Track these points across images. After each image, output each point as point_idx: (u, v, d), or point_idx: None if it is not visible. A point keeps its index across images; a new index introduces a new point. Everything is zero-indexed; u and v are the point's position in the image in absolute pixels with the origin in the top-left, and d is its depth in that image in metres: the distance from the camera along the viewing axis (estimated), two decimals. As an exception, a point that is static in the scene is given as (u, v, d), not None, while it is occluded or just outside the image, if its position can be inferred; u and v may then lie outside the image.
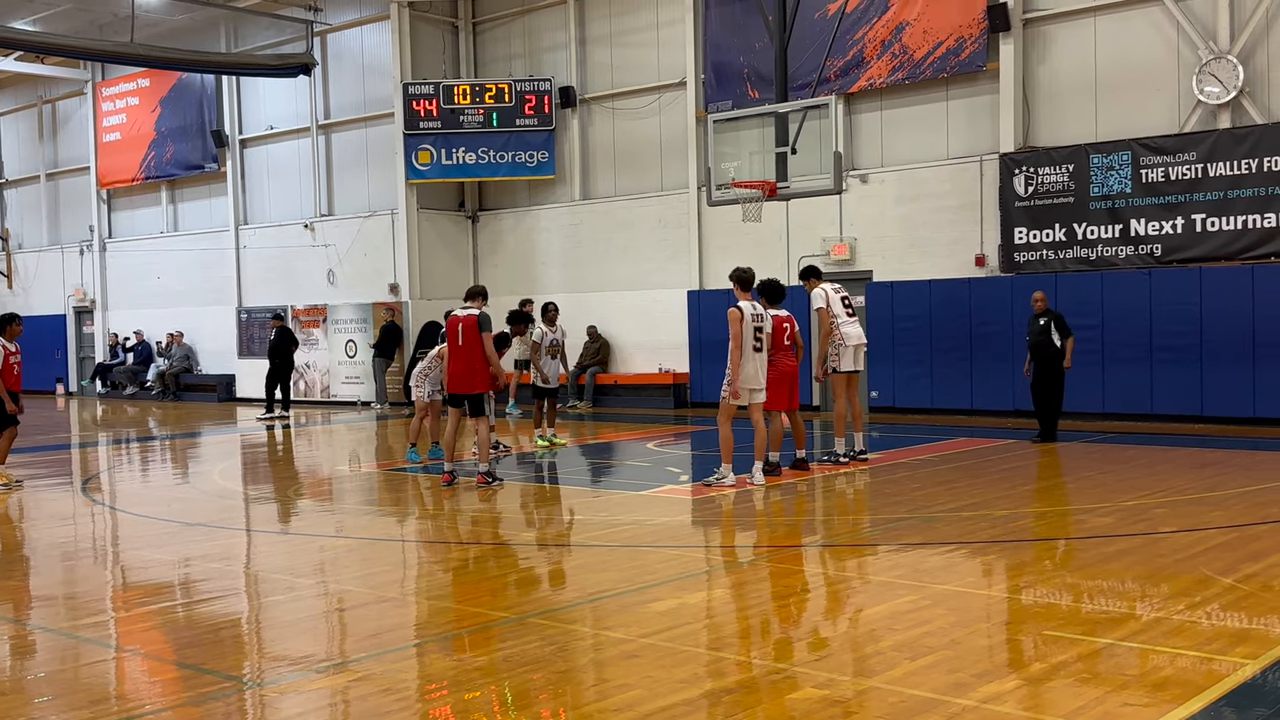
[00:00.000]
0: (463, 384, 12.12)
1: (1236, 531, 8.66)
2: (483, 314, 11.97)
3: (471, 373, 12.02)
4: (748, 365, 11.32)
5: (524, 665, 5.76)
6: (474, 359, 11.96)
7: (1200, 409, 15.97)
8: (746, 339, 11.28)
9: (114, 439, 20.05)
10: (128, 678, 6.04)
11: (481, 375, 12.03)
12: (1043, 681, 5.33)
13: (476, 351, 11.94)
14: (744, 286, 11.54)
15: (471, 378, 12.04)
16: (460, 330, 11.99)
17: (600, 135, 22.93)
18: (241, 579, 8.48)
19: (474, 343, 11.93)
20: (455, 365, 12.13)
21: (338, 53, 25.56)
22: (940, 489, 11.49)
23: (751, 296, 11.61)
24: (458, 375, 12.12)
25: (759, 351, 11.39)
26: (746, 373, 11.34)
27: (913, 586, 7.20)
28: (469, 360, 12.00)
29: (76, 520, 11.38)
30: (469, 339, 11.97)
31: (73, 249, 31.79)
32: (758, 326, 11.38)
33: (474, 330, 11.91)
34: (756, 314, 11.42)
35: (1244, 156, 15.72)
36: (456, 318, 12.11)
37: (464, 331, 11.98)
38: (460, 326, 12.00)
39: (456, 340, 12.05)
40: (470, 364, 11.99)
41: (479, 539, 9.71)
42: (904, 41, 18.55)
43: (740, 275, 11.63)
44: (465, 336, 11.98)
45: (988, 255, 17.99)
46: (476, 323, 11.91)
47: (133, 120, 29.55)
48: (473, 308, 12.11)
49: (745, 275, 11.61)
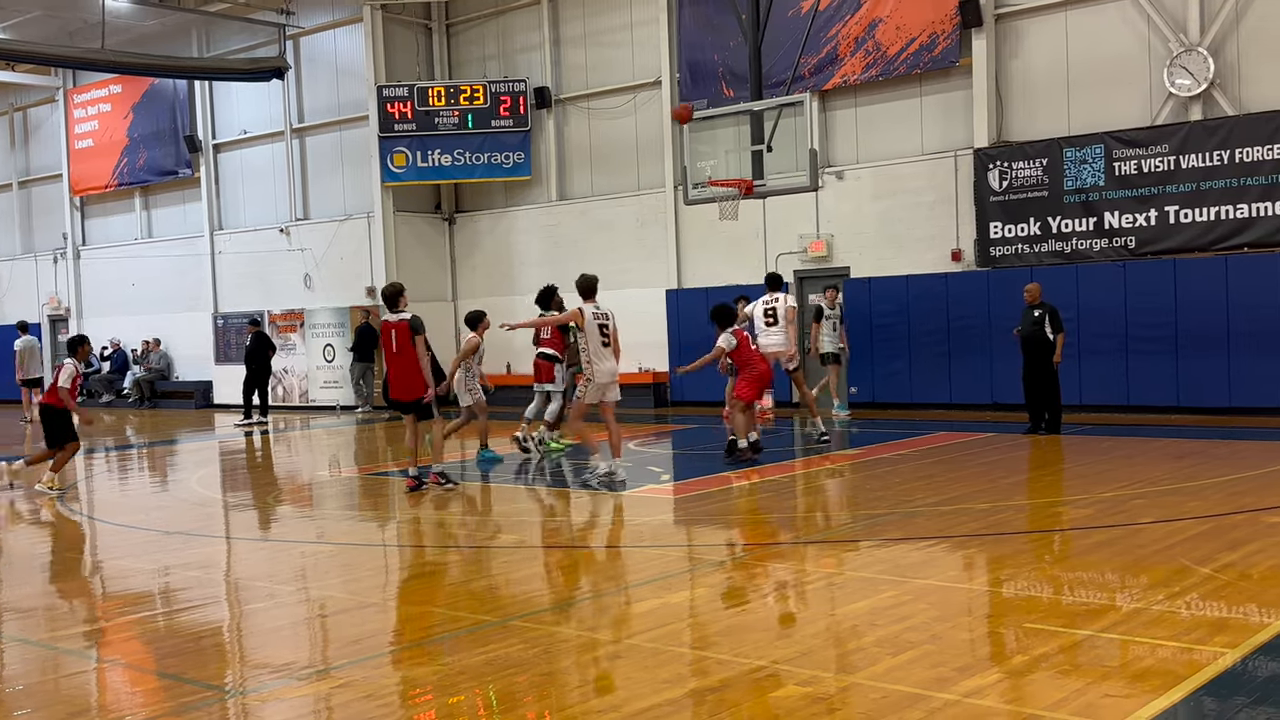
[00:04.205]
0: (403, 391, 11.89)
1: (1214, 521, 8.73)
2: (414, 317, 11.80)
3: (407, 380, 11.81)
4: (607, 361, 11.81)
5: (507, 668, 5.75)
6: (410, 365, 11.75)
7: (1177, 400, 16.07)
8: (593, 336, 11.71)
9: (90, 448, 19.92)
10: (108, 688, 6.01)
11: (420, 380, 11.81)
12: (1024, 674, 5.36)
13: (412, 358, 11.73)
14: (588, 293, 11.94)
15: (411, 384, 11.82)
16: (394, 336, 11.78)
17: (576, 136, 22.92)
18: (222, 587, 8.44)
19: (409, 348, 11.72)
20: (394, 373, 11.92)
21: (311, 56, 25.46)
22: (920, 483, 11.53)
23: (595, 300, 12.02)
24: (397, 383, 11.91)
25: (607, 347, 11.88)
26: (605, 369, 11.79)
27: (894, 582, 7.22)
28: (406, 366, 11.78)
29: (54, 530, 11.29)
30: (403, 345, 11.75)
31: (46, 257, 31.56)
32: (602, 325, 11.83)
33: (406, 335, 11.71)
34: (599, 313, 11.84)
35: (1216, 148, 15.83)
36: (388, 323, 11.87)
37: (397, 338, 11.77)
38: (393, 333, 11.78)
39: (391, 347, 11.83)
40: (407, 371, 11.78)
41: (460, 542, 9.69)
42: (877, 38, 18.60)
43: (584, 283, 12.02)
44: (399, 342, 11.77)
45: (964, 250, 18.06)
46: (408, 328, 11.72)
47: (105, 127, 29.36)
48: (403, 312, 11.88)
49: (589, 283, 12.03)
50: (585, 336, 11.82)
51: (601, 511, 11.02)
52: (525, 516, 10.87)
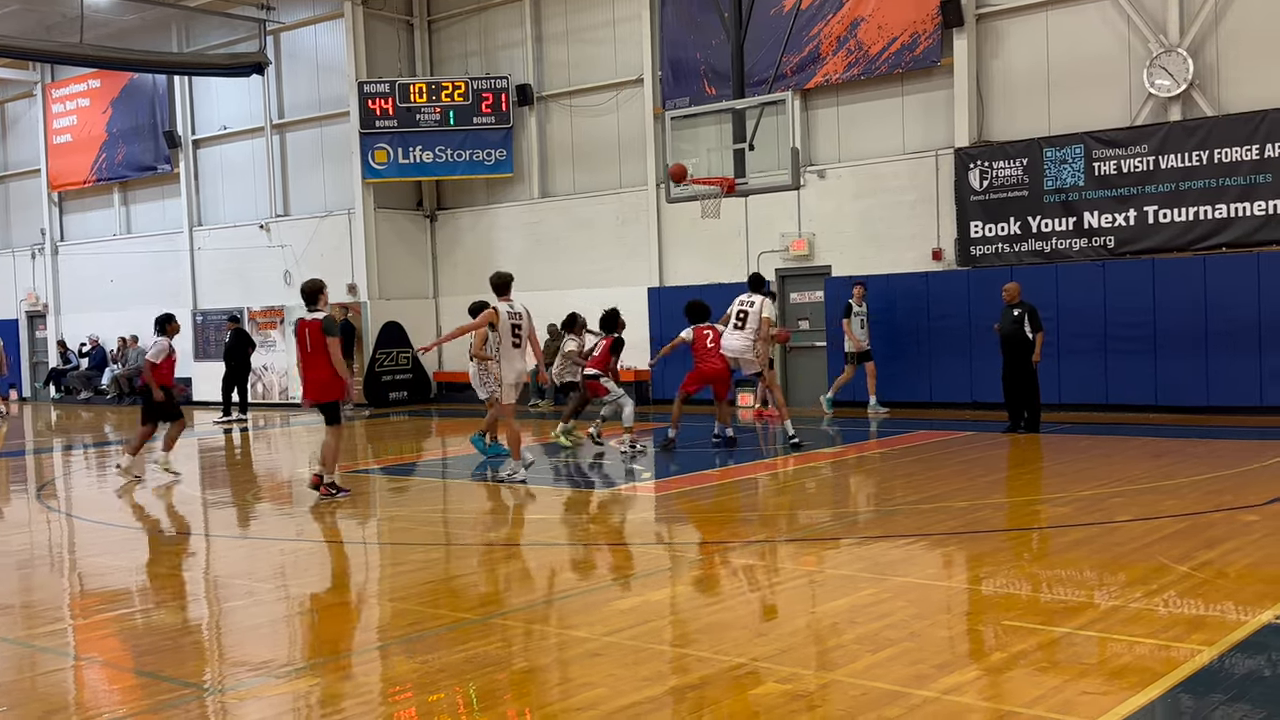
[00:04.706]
0: (318, 392, 11.48)
1: (1191, 519, 8.78)
2: (328, 318, 11.38)
3: (324, 380, 11.39)
4: (516, 362, 11.85)
5: (487, 666, 5.74)
6: (325, 365, 11.33)
7: (1155, 399, 16.16)
8: (505, 336, 11.71)
9: (69, 444, 19.80)
10: (85, 686, 5.97)
11: (335, 382, 11.41)
12: (1002, 671, 5.38)
13: (325, 358, 11.29)
14: (502, 290, 11.93)
15: (325, 385, 11.41)
16: (307, 336, 11.33)
17: (558, 133, 22.89)
18: (200, 584, 8.40)
19: (321, 348, 11.28)
20: (307, 373, 11.50)
21: (291, 51, 25.36)
22: (900, 481, 11.57)
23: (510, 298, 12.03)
24: (313, 383, 11.47)
25: (518, 348, 11.87)
26: (517, 369, 11.86)
27: (873, 579, 7.24)
28: (319, 367, 11.35)
29: (32, 527, 11.22)
30: (316, 345, 11.30)
31: (24, 252, 31.34)
32: (515, 325, 11.81)
33: (319, 335, 11.27)
34: (514, 313, 11.81)
35: (1194, 149, 15.92)
36: (302, 322, 11.45)
37: (310, 337, 11.32)
38: (306, 332, 11.33)
39: (305, 347, 11.38)
40: (321, 371, 11.36)
41: (441, 540, 9.67)
42: (859, 37, 18.64)
43: (499, 280, 12.02)
44: (312, 342, 11.32)
45: (944, 249, 18.12)
46: (321, 328, 11.27)
47: (83, 121, 29.17)
48: (318, 311, 11.44)
49: (503, 280, 12.01)
50: (498, 335, 11.76)
51: (581, 509, 11.01)
52: (506, 514, 10.85)
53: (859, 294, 17.78)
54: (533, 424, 19.21)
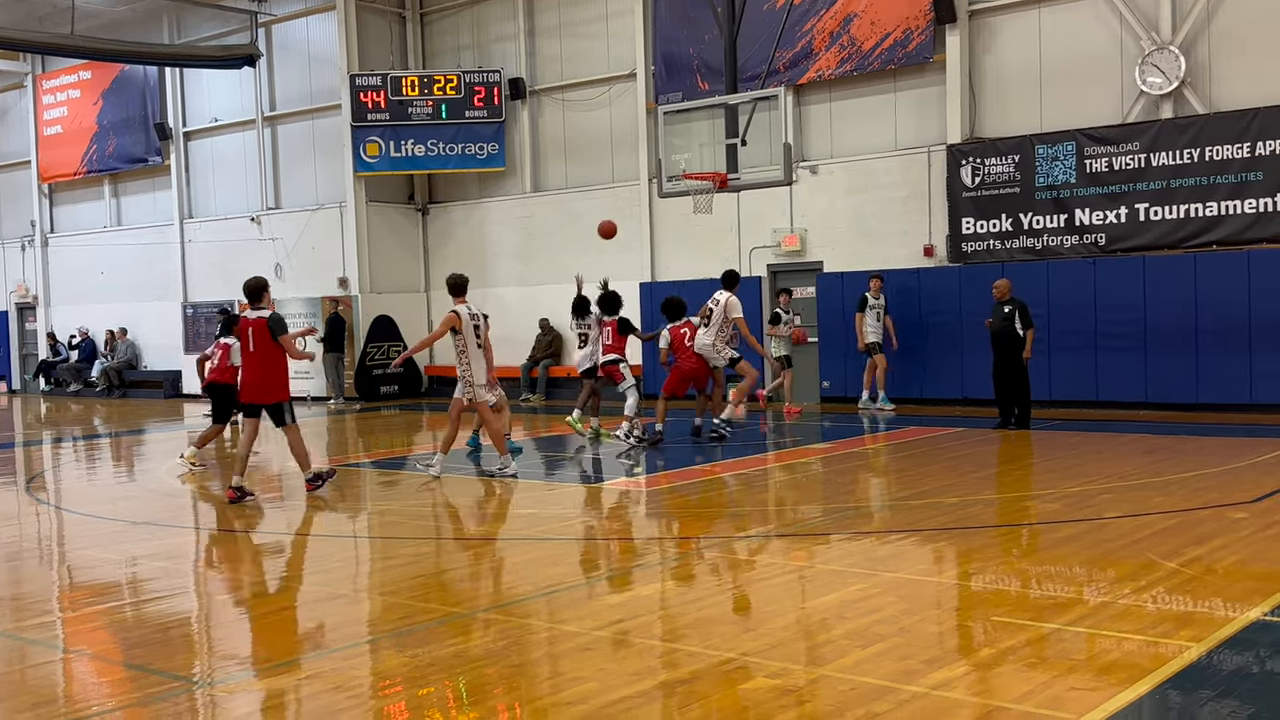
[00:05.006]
0: (257, 393, 11.06)
1: (1180, 516, 8.80)
2: (273, 316, 10.97)
3: (267, 381, 10.99)
4: (478, 363, 11.92)
5: (477, 660, 5.74)
6: (268, 366, 10.93)
7: (1145, 396, 16.20)
8: (469, 337, 11.80)
9: (58, 437, 19.74)
10: (74, 679, 5.96)
11: (278, 382, 11.04)
12: (991, 667, 5.39)
13: (270, 358, 10.91)
14: (458, 292, 12.08)
15: (267, 386, 11.01)
16: (251, 335, 10.92)
17: (550, 127, 22.86)
18: (190, 578, 8.38)
19: (267, 348, 10.88)
20: (248, 374, 11.09)
21: (283, 44, 25.28)
22: (890, 477, 11.58)
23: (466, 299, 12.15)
24: (251, 384, 11.07)
25: (481, 349, 11.97)
26: (478, 370, 11.91)
27: (863, 574, 7.25)
28: (263, 367, 10.94)
29: (21, 520, 11.19)
30: (261, 344, 10.89)
31: (14, 244, 31.23)
32: (476, 325, 11.92)
33: (265, 334, 10.85)
34: (473, 314, 11.96)
35: (1186, 146, 15.95)
36: (246, 320, 10.99)
37: (255, 336, 10.89)
38: (250, 331, 10.92)
39: (248, 346, 10.97)
40: (265, 371, 10.95)
41: (431, 534, 9.66)
42: (852, 33, 18.64)
43: (454, 281, 12.20)
44: (256, 341, 10.90)
45: (936, 245, 18.14)
46: (267, 326, 10.86)
47: (74, 113, 29.07)
48: (263, 308, 11.03)
49: (459, 281, 12.17)
50: (462, 338, 11.82)
51: (572, 504, 11.01)
52: (497, 509, 10.85)
53: (876, 287, 17.58)
54: (524, 418, 19.20)
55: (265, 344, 10.86)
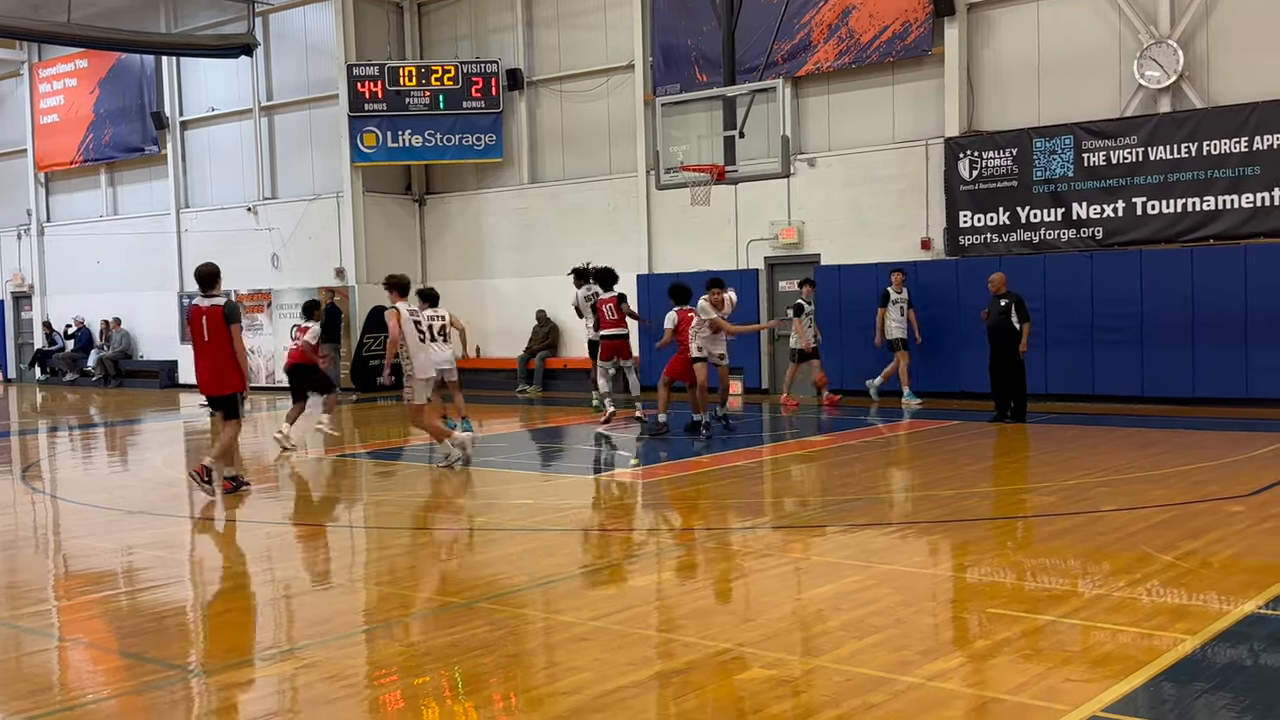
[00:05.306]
0: (212, 385, 10.74)
1: (1176, 509, 8.82)
2: (229, 303, 10.65)
3: (221, 371, 10.64)
4: (419, 356, 12.01)
5: (473, 649, 5.74)
6: (223, 356, 10.57)
7: (1141, 389, 16.21)
8: (410, 335, 11.93)
9: (54, 426, 19.72)
10: (70, 667, 5.96)
11: (234, 373, 10.66)
12: (986, 658, 5.40)
13: (225, 347, 10.54)
14: (399, 290, 12.29)
15: (222, 377, 10.67)
16: (204, 324, 10.52)
17: (548, 118, 22.82)
18: (185, 567, 8.38)
19: (221, 337, 10.51)
20: (202, 364, 10.73)
21: (280, 33, 25.21)
22: (887, 470, 11.59)
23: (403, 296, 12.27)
24: (203, 376, 10.74)
25: (424, 341, 12.22)
26: (420, 362, 12.01)
27: (859, 566, 7.26)
28: (217, 357, 10.58)
29: (16, 509, 11.18)
30: (215, 333, 10.51)
31: (10, 233, 31.16)
32: (416, 320, 12.18)
33: (220, 323, 10.50)
34: (412, 310, 12.24)
35: (1183, 140, 15.94)
36: (198, 309, 10.59)
37: (208, 325, 10.51)
38: (204, 320, 10.51)
39: (201, 335, 10.55)
40: (219, 361, 10.58)
41: (427, 524, 9.66)
42: (850, 25, 18.61)
43: (394, 281, 12.45)
44: (210, 330, 10.51)
45: (933, 238, 18.13)
46: (222, 314, 10.51)
47: (70, 102, 28.99)
48: (216, 296, 10.65)
49: (398, 282, 12.38)
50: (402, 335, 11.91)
51: (569, 495, 11.01)
52: (494, 499, 10.85)
53: (898, 281, 17.30)
54: (520, 409, 19.21)
55: (220, 332, 10.50)
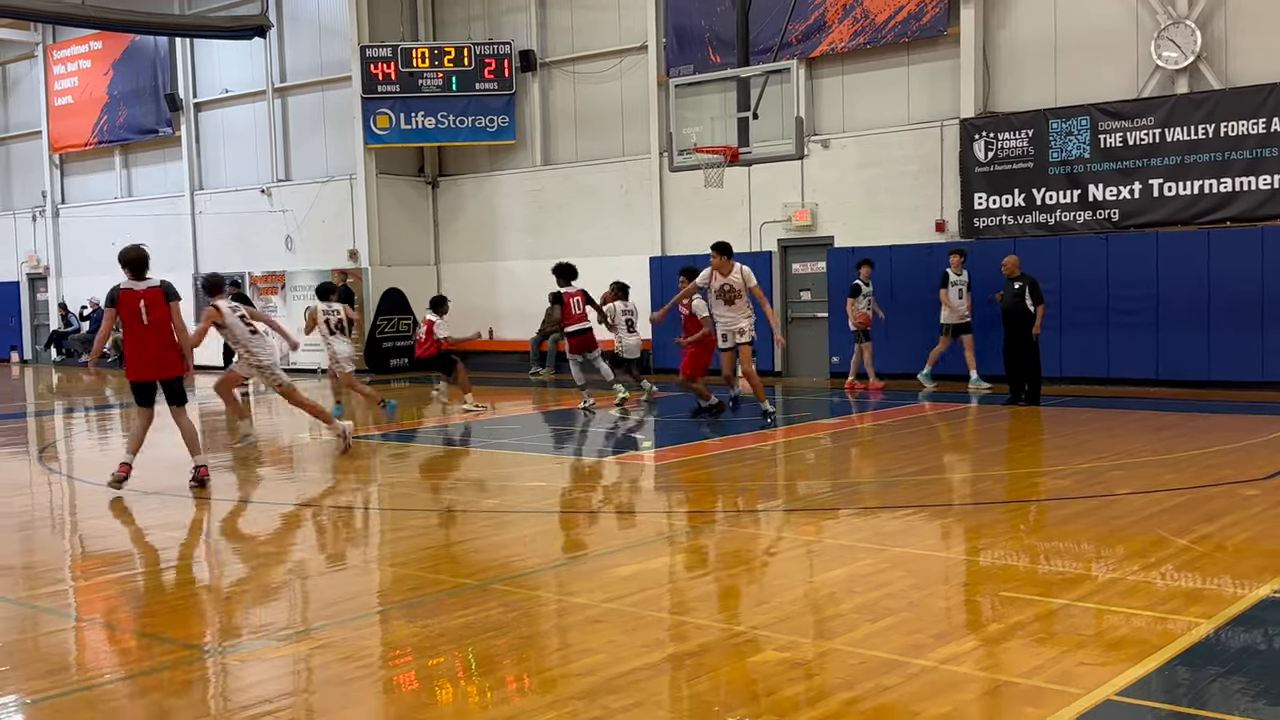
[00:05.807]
0: (153, 370, 10.20)
1: (1191, 493, 8.79)
2: (165, 282, 10.24)
3: (163, 355, 10.17)
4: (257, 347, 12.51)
5: (487, 631, 5.76)
6: (165, 338, 10.13)
7: (1156, 373, 16.15)
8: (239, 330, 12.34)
9: (70, 407, 19.82)
10: (87, 647, 6.00)
11: (176, 356, 10.23)
12: (1000, 642, 5.40)
13: (166, 330, 10.11)
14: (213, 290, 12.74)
15: (164, 361, 10.19)
16: (143, 307, 10.02)
17: (561, 99, 22.77)
18: (201, 547, 8.42)
19: (163, 319, 10.07)
20: (144, 349, 10.15)
21: (293, 14, 25.19)
22: (900, 453, 11.58)
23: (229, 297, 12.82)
24: (146, 361, 10.18)
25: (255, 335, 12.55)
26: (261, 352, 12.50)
27: (873, 549, 7.26)
28: (159, 341, 10.11)
29: (33, 489, 11.25)
30: (156, 315, 10.04)
31: (25, 215, 31.27)
32: (241, 316, 12.47)
33: (160, 302, 10.07)
34: (234, 306, 12.55)
35: (1201, 122, 15.83)
36: (132, 292, 10.06)
37: (148, 308, 10.02)
38: (142, 303, 10.02)
39: (140, 319, 10.03)
40: (161, 345, 10.13)
41: (441, 506, 9.69)
42: (865, 6, 18.50)
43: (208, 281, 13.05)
44: (151, 313, 10.03)
45: (948, 220, 18.05)
46: (163, 295, 10.10)
47: (84, 83, 29.03)
48: (150, 279, 10.19)
49: (214, 281, 12.99)
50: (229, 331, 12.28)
51: (581, 477, 11.03)
52: (507, 480, 10.87)
53: (956, 263, 16.79)
54: (533, 391, 19.23)
55: (163, 315, 10.10)
